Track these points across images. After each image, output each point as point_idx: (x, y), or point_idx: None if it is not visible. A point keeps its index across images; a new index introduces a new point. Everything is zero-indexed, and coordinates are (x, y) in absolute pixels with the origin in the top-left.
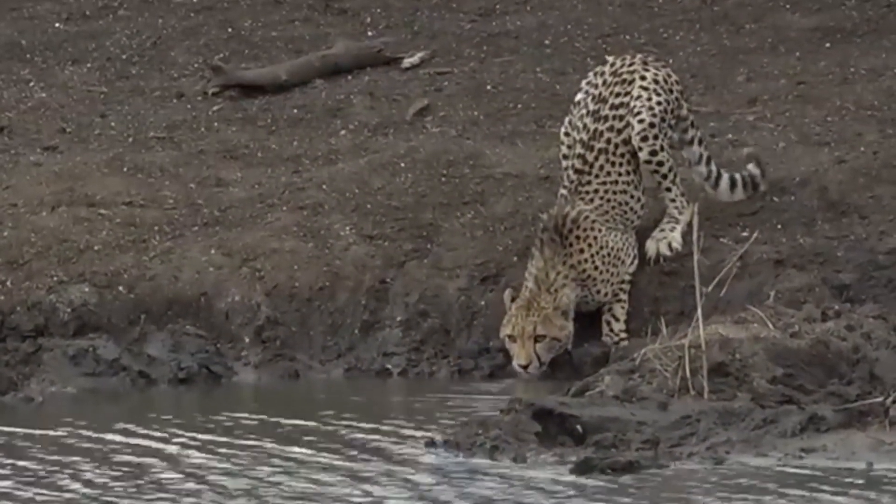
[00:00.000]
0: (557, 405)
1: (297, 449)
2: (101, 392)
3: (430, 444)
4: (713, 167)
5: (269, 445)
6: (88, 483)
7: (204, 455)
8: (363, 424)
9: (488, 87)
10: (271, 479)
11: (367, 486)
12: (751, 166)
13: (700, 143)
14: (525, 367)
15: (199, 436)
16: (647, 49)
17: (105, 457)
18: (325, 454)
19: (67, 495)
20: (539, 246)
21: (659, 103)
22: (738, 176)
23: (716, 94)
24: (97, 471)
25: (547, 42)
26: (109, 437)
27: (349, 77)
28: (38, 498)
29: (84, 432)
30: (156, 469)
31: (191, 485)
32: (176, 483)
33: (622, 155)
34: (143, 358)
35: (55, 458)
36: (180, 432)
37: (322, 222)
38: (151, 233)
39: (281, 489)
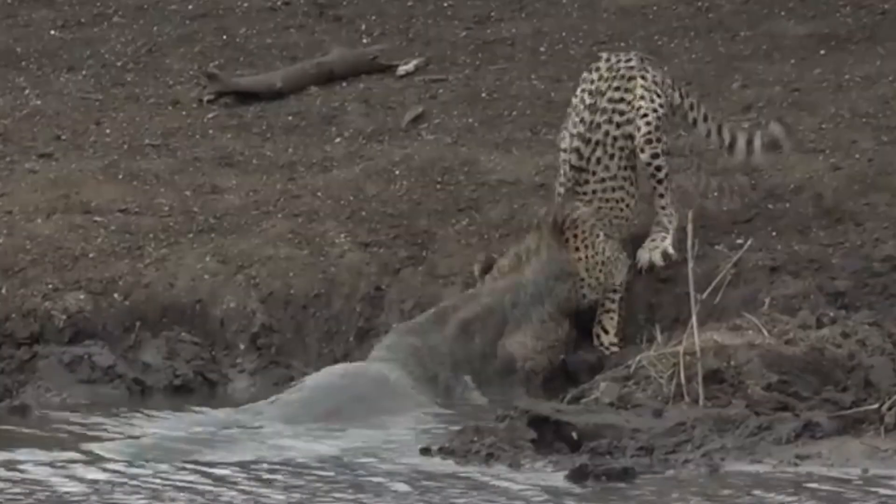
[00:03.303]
0: (553, 412)
1: (289, 455)
2: (97, 399)
3: (426, 451)
4: (725, 133)
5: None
6: None
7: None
8: (358, 431)
9: (483, 95)
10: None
11: (361, 495)
12: (774, 126)
13: (705, 119)
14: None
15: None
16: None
17: None
18: (318, 462)
19: None
20: (535, 225)
21: (661, 105)
22: (756, 134)
23: (711, 101)
24: None
25: (542, 49)
26: None
27: (344, 84)
28: None
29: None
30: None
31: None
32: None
33: (620, 148)
34: (139, 365)
35: None
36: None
37: (317, 229)
38: (147, 240)
39: (271, 496)
